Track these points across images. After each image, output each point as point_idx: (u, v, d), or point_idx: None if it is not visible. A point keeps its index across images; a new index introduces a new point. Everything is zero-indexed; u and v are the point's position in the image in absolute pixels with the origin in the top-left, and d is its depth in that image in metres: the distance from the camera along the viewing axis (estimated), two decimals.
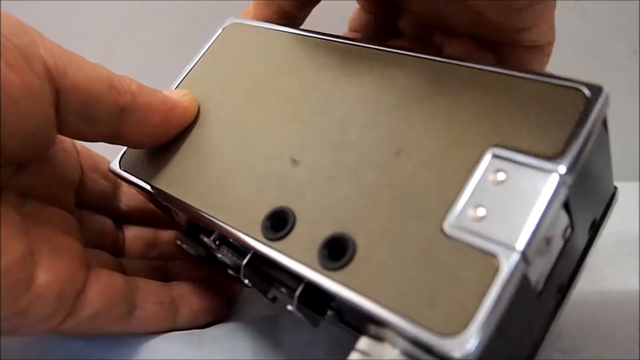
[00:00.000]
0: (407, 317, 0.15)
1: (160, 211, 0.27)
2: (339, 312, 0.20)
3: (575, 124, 0.15)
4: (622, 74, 0.41)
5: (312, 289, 0.17)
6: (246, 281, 0.19)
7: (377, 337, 0.16)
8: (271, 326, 0.25)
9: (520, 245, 0.14)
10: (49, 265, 0.19)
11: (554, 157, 0.15)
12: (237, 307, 0.28)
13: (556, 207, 0.15)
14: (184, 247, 0.24)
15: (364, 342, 0.16)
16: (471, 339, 0.14)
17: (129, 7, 0.41)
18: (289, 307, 0.18)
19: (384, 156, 0.18)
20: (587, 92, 0.16)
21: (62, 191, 0.23)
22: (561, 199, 0.15)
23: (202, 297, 0.25)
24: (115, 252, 0.26)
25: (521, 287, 0.14)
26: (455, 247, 0.15)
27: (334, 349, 0.23)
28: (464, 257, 0.15)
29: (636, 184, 0.37)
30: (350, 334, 0.20)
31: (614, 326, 0.23)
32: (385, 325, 0.15)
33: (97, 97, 0.20)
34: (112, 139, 0.21)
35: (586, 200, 0.17)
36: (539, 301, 0.17)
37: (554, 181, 0.15)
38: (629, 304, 0.24)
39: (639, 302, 0.23)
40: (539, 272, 0.16)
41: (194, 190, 0.21)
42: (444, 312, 0.14)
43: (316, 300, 0.18)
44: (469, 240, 0.15)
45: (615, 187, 0.20)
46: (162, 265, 0.27)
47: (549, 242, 0.16)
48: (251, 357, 0.23)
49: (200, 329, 0.25)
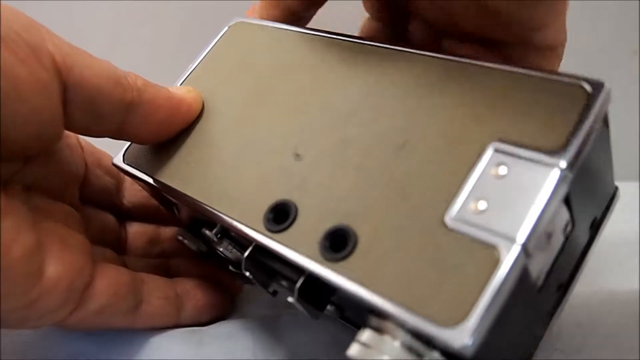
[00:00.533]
0: (407, 308, 0.15)
1: (162, 207, 0.27)
2: (340, 307, 0.20)
3: (576, 119, 0.15)
4: (622, 74, 0.41)
5: (313, 281, 0.17)
6: (247, 273, 0.20)
7: (378, 329, 0.16)
8: (272, 325, 0.25)
9: (521, 237, 0.14)
10: (58, 257, 0.19)
11: (556, 151, 0.15)
12: (237, 306, 0.28)
13: (557, 201, 0.15)
14: (186, 242, 0.24)
15: (364, 334, 0.16)
16: (471, 329, 0.14)
17: (129, 7, 0.41)
18: (290, 299, 0.18)
19: (387, 150, 0.18)
20: (588, 88, 0.16)
21: (67, 186, 0.24)
22: (562, 193, 0.15)
23: (206, 293, 0.25)
24: (117, 248, 0.26)
25: (521, 280, 0.15)
26: (456, 240, 0.15)
27: (334, 348, 0.23)
28: (465, 249, 0.15)
29: (636, 184, 0.37)
30: (350, 333, 0.20)
31: (614, 326, 0.23)
32: (385, 316, 0.15)
33: (104, 93, 0.20)
34: (117, 135, 0.22)
35: (587, 197, 0.18)
36: (539, 297, 0.17)
37: (555, 175, 0.15)
38: (629, 304, 0.24)
39: (639, 302, 0.23)
40: (540, 266, 0.16)
41: (197, 183, 0.21)
42: (444, 303, 0.14)
43: (317, 292, 0.18)
44: (470, 232, 0.15)
45: (616, 187, 0.20)
46: (163, 262, 0.27)
47: (549, 237, 0.16)
48: (251, 357, 0.23)
49: (202, 326, 0.25)
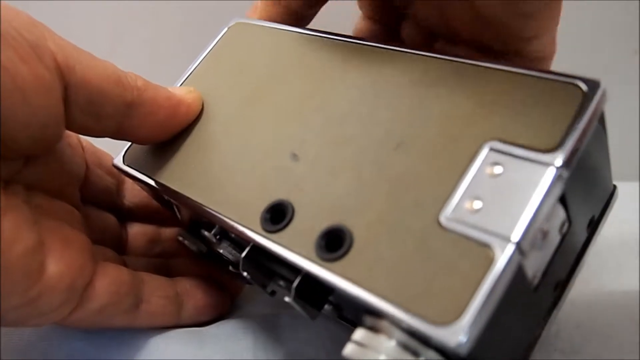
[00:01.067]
0: (402, 307, 0.15)
1: (162, 208, 0.27)
2: (337, 306, 0.20)
3: (572, 118, 0.15)
4: (622, 74, 0.41)
5: (310, 280, 0.17)
6: (245, 274, 0.20)
7: (373, 328, 0.16)
8: (271, 325, 0.25)
9: (515, 236, 0.14)
10: (59, 255, 0.19)
11: (551, 150, 0.15)
12: (237, 306, 0.28)
13: (552, 200, 0.15)
14: (186, 243, 0.24)
15: (359, 333, 0.16)
16: (465, 327, 0.14)
17: (129, 7, 0.41)
18: (287, 299, 0.18)
19: (383, 151, 0.18)
20: (584, 87, 0.16)
21: (68, 186, 0.24)
22: (557, 191, 0.15)
23: (206, 292, 0.25)
24: (118, 248, 0.26)
25: (516, 278, 0.15)
26: (451, 239, 0.15)
27: (334, 347, 0.23)
28: (460, 248, 0.15)
29: (636, 184, 0.36)
30: (349, 332, 0.20)
31: (613, 326, 0.23)
32: (381, 315, 0.15)
33: (104, 92, 0.20)
34: (118, 135, 0.22)
35: (584, 196, 0.17)
36: (535, 296, 0.17)
37: (551, 174, 0.15)
38: (628, 304, 0.24)
39: (639, 302, 0.23)
40: (535, 265, 0.16)
41: (196, 184, 0.21)
42: (439, 301, 0.14)
43: (314, 292, 0.18)
44: (465, 231, 0.15)
45: (614, 186, 0.20)
46: (164, 262, 0.27)
47: (545, 235, 0.16)
48: (252, 357, 0.23)
49: (202, 326, 0.25)
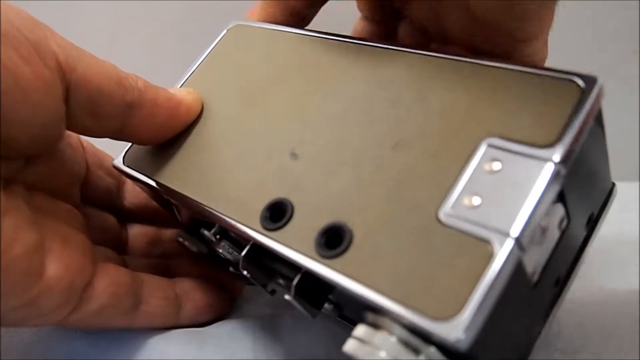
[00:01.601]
0: (402, 303, 0.15)
1: (162, 208, 0.27)
2: (338, 305, 0.20)
3: (570, 114, 0.15)
4: (622, 74, 0.41)
5: (310, 278, 0.17)
6: (245, 272, 0.20)
7: (374, 324, 0.16)
8: (272, 325, 0.25)
9: (514, 231, 0.14)
10: (59, 256, 0.19)
11: (549, 146, 0.15)
12: (237, 306, 0.28)
13: (551, 195, 0.15)
14: (186, 244, 0.24)
15: (360, 330, 0.16)
16: (465, 323, 0.14)
17: (129, 8, 0.41)
18: (287, 297, 0.18)
19: (382, 149, 0.18)
20: (581, 83, 0.16)
21: (69, 186, 0.24)
22: (556, 187, 0.15)
23: (205, 293, 0.25)
24: (118, 249, 0.26)
25: (516, 274, 0.15)
26: (450, 235, 0.15)
27: (334, 348, 0.23)
28: (459, 244, 0.15)
29: (636, 184, 0.36)
30: (350, 332, 0.20)
31: (614, 326, 0.23)
32: (381, 312, 0.15)
33: (105, 93, 0.20)
34: (118, 135, 0.22)
35: (582, 192, 0.18)
36: (535, 292, 0.17)
37: (549, 169, 0.15)
38: (629, 304, 0.23)
39: (639, 302, 0.23)
40: (535, 261, 0.16)
41: (196, 184, 0.21)
42: (438, 297, 0.14)
43: (314, 290, 0.18)
44: (464, 227, 0.15)
45: (613, 184, 0.20)
46: (164, 263, 0.27)
47: (544, 231, 0.16)
48: (252, 357, 0.23)
49: (201, 326, 0.25)
